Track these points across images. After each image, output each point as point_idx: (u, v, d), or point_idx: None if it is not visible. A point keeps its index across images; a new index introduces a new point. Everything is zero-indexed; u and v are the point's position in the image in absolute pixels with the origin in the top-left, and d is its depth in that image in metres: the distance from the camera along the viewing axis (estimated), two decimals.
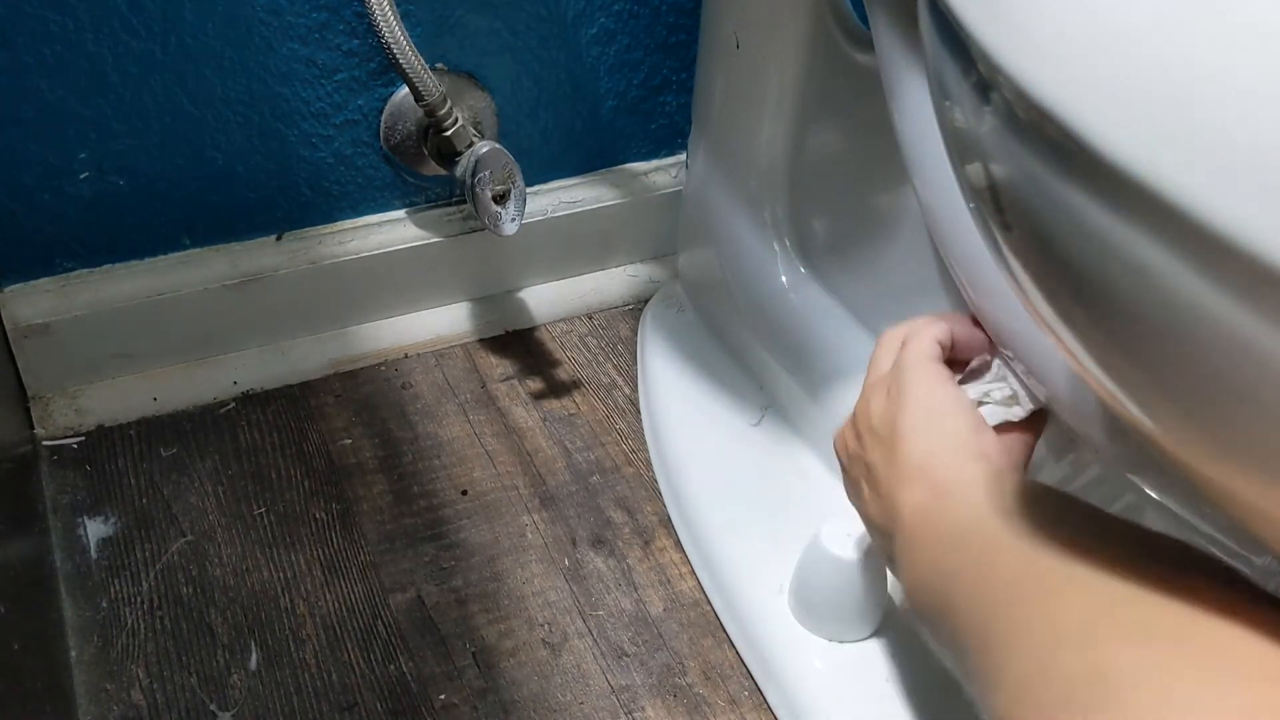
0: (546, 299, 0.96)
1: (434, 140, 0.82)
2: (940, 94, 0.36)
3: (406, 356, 0.91)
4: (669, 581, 0.77)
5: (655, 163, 0.96)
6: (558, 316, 0.96)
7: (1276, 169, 0.24)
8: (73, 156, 0.77)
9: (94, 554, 0.76)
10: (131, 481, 0.81)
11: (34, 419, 0.83)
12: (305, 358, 0.89)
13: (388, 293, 0.90)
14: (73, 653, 0.71)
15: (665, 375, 0.88)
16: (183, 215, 0.83)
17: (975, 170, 0.34)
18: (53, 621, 0.70)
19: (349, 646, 0.72)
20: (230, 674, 0.70)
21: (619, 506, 0.81)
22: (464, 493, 0.81)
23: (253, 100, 0.79)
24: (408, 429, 0.86)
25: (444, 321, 0.93)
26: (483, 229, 0.89)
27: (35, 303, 0.81)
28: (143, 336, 0.84)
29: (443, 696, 0.70)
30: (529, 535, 0.79)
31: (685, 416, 0.84)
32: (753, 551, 0.75)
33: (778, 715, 0.69)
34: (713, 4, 0.82)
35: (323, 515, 0.79)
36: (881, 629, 0.70)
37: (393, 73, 0.80)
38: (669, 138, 0.95)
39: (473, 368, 0.91)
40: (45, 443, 0.82)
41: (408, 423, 0.86)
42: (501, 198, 0.81)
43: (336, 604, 0.74)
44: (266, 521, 0.79)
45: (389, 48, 0.74)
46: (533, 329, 0.95)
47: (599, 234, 0.96)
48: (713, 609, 0.75)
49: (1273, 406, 0.27)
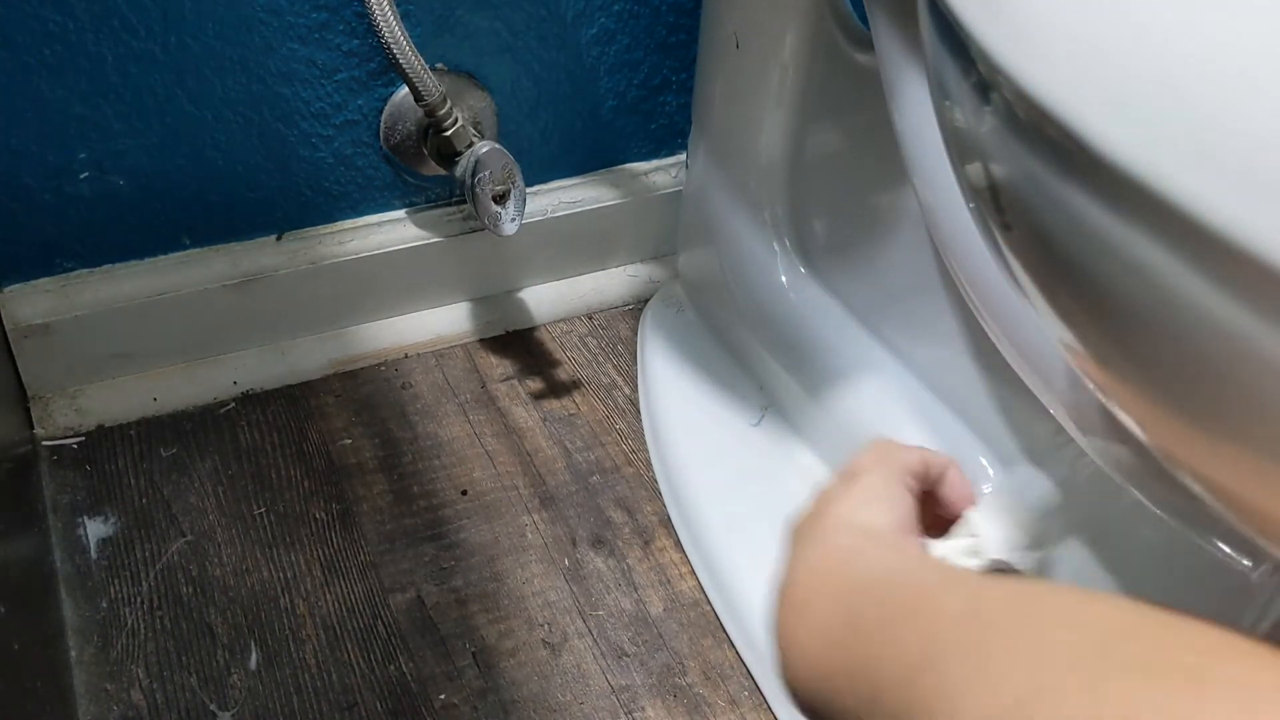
0: (546, 299, 0.96)
1: (434, 140, 0.82)
2: (940, 94, 0.36)
3: (406, 356, 0.91)
4: (669, 581, 0.77)
5: (655, 163, 0.96)
6: (558, 316, 0.96)
7: (1275, 168, 0.24)
8: (73, 156, 0.77)
9: (94, 554, 0.76)
10: (131, 481, 0.81)
11: (34, 419, 0.83)
12: (305, 358, 0.89)
13: (388, 293, 0.90)
14: (73, 653, 0.71)
15: (665, 375, 0.88)
16: (183, 215, 0.83)
17: (975, 170, 0.34)
18: (53, 621, 0.70)
19: (349, 646, 0.72)
20: (230, 674, 0.70)
21: (619, 506, 0.81)
22: (464, 493, 0.81)
23: (253, 100, 0.79)
24: (408, 429, 0.86)
25: (444, 321, 0.93)
26: (483, 229, 0.89)
27: (35, 303, 0.81)
28: (143, 336, 0.84)
29: (443, 696, 0.70)
30: (529, 535, 0.79)
31: (685, 416, 0.84)
32: (753, 551, 0.75)
33: (778, 715, 0.69)
34: (713, 4, 0.82)
35: (323, 515, 0.79)
36: None
37: (393, 73, 0.80)
38: (669, 138, 0.95)
39: (473, 368, 0.91)
40: (45, 443, 0.82)
41: (408, 423, 0.86)
42: (501, 198, 0.81)
43: (336, 604, 0.74)
44: (266, 521, 0.79)
45: (389, 48, 0.74)
46: (533, 329, 0.95)
47: (599, 234, 0.96)
48: (713, 609, 0.75)
49: (1271, 405, 0.27)
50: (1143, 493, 0.51)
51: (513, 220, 0.82)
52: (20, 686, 0.58)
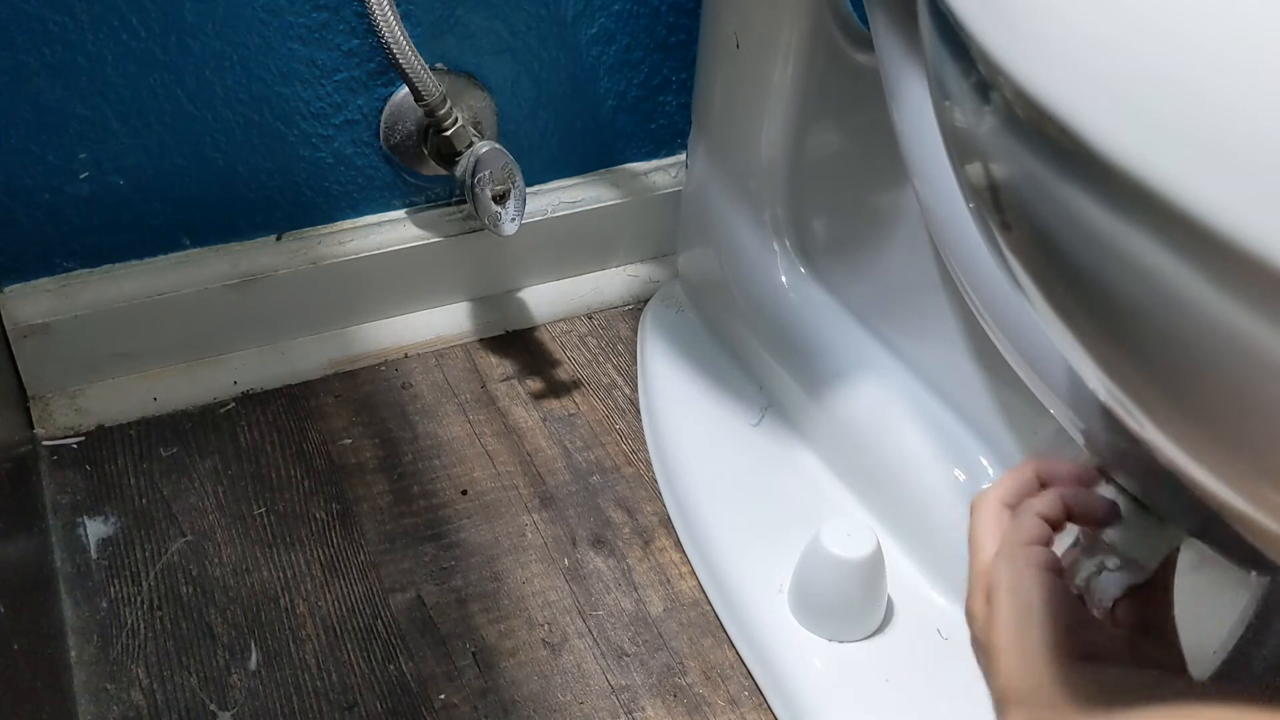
0: (546, 299, 0.96)
1: (434, 140, 0.82)
2: (940, 94, 0.36)
3: (406, 356, 0.91)
4: (669, 581, 0.77)
5: (655, 163, 0.96)
6: (558, 316, 0.96)
7: (1276, 168, 0.24)
8: (73, 156, 0.77)
9: (94, 554, 0.76)
10: (131, 481, 0.81)
11: (34, 419, 0.83)
12: (305, 358, 0.89)
13: (388, 293, 0.90)
14: (73, 653, 0.71)
15: (665, 375, 0.88)
16: (183, 215, 0.83)
17: (975, 170, 0.34)
18: (53, 621, 0.70)
19: (349, 646, 0.72)
20: (230, 674, 0.70)
21: (619, 506, 0.81)
22: (464, 493, 0.81)
23: (253, 100, 0.79)
24: (408, 429, 0.86)
25: (444, 321, 0.93)
26: (483, 229, 0.89)
27: (35, 303, 0.81)
28: (143, 336, 0.84)
29: (443, 696, 0.70)
30: (529, 535, 0.79)
31: (685, 416, 0.84)
32: (753, 551, 0.75)
33: (778, 715, 0.69)
34: (713, 4, 0.82)
35: (323, 515, 0.79)
36: (881, 629, 0.70)
37: (393, 73, 0.80)
38: (669, 138, 0.95)
39: (473, 368, 0.91)
40: (45, 443, 0.82)
41: (408, 423, 0.86)
42: (501, 198, 0.81)
43: (336, 604, 0.74)
44: (266, 521, 0.79)
45: (389, 48, 0.74)
46: (533, 329, 0.95)
47: (599, 234, 0.96)
48: (713, 609, 0.75)
49: (1272, 407, 0.27)
50: (1143, 493, 0.51)
51: (513, 220, 0.82)
52: (20, 686, 0.58)
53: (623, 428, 0.87)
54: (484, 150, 0.80)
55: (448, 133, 0.80)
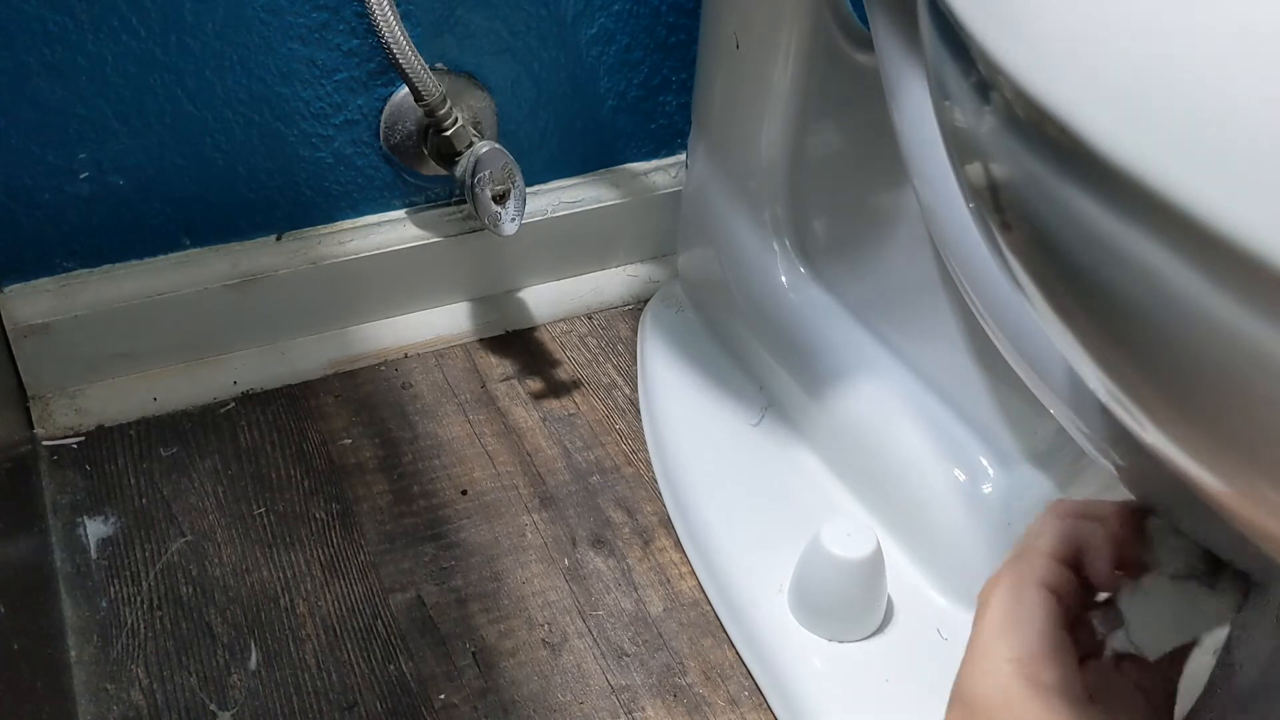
0: (546, 299, 0.96)
1: (434, 140, 0.82)
2: (940, 94, 0.36)
3: (406, 356, 0.91)
4: (669, 581, 0.77)
5: (655, 163, 0.96)
6: (558, 316, 0.96)
7: (1276, 168, 0.24)
8: (73, 156, 0.77)
9: (94, 554, 0.76)
10: (131, 481, 0.81)
11: (34, 419, 0.83)
12: (305, 358, 0.89)
13: (388, 293, 0.90)
14: (73, 653, 0.71)
15: (665, 375, 0.88)
16: (183, 215, 0.83)
17: (975, 170, 0.34)
18: (53, 621, 0.70)
19: (349, 646, 0.72)
20: (230, 674, 0.70)
21: (619, 506, 0.81)
22: (464, 493, 0.81)
23: (253, 100, 0.79)
24: (408, 429, 0.86)
25: (444, 321, 0.93)
26: (483, 229, 0.89)
27: (35, 303, 0.81)
28: (143, 336, 0.84)
29: (443, 696, 0.70)
30: (529, 535, 0.79)
31: (685, 416, 0.84)
32: (753, 551, 0.75)
33: (778, 715, 0.69)
34: (713, 4, 0.82)
35: (323, 515, 0.79)
36: (881, 629, 0.70)
37: (393, 73, 0.80)
38: (669, 138, 0.95)
39: (473, 368, 0.91)
40: (45, 443, 0.82)
41: (408, 423, 0.86)
42: (501, 198, 0.81)
43: (336, 604, 0.74)
44: (266, 521, 0.79)
45: (389, 48, 0.74)
46: (533, 329, 0.95)
47: (599, 234, 0.96)
48: (713, 609, 0.75)
49: (1272, 407, 0.27)
50: (1143, 494, 0.51)
51: (513, 220, 0.82)
52: (20, 686, 0.58)
53: (623, 428, 0.87)
54: (484, 150, 0.80)
55: (448, 133, 0.80)
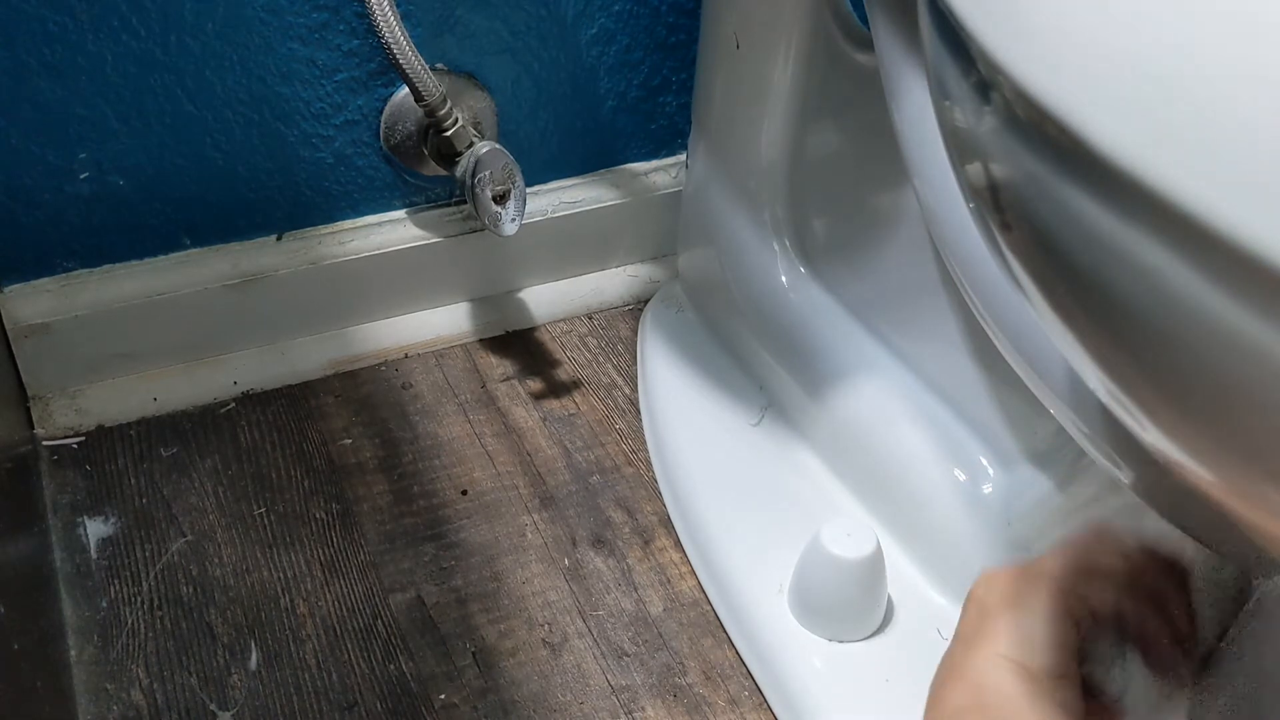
0: (546, 299, 0.96)
1: (434, 140, 0.82)
2: (940, 94, 0.36)
3: (406, 356, 0.91)
4: (669, 581, 0.77)
5: (655, 163, 0.96)
6: (558, 316, 0.96)
7: (1277, 168, 0.24)
8: (73, 156, 0.77)
9: (94, 554, 0.76)
10: (131, 481, 0.81)
11: (34, 419, 0.83)
12: (305, 358, 0.89)
13: (388, 293, 0.90)
14: (73, 653, 0.71)
15: (665, 375, 0.88)
16: (183, 215, 0.83)
17: (975, 170, 0.34)
18: (53, 621, 0.70)
19: (349, 646, 0.72)
20: (230, 674, 0.70)
21: (619, 506, 0.81)
22: (464, 493, 0.81)
23: (253, 100, 0.79)
24: (408, 429, 0.86)
25: (444, 321, 0.93)
26: (483, 229, 0.89)
27: (35, 303, 0.81)
28: (143, 336, 0.84)
29: (443, 696, 0.70)
30: (529, 535, 0.79)
31: (685, 416, 0.84)
32: (753, 551, 0.75)
33: (778, 715, 0.69)
34: (713, 4, 0.82)
35: (323, 515, 0.79)
36: (881, 629, 0.70)
37: (393, 73, 0.80)
38: (669, 138, 0.95)
39: (473, 368, 0.91)
40: (45, 443, 0.82)
41: (408, 423, 0.86)
42: (501, 198, 0.81)
43: (336, 604, 0.74)
44: (266, 521, 0.79)
45: (389, 48, 0.74)
46: (533, 329, 0.95)
47: (599, 234, 0.96)
48: (713, 609, 0.75)
49: (1272, 407, 0.27)
50: (1143, 494, 0.51)
51: (513, 220, 0.82)
52: (20, 686, 0.58)
53: (623, 428, 0.87)
54: (484, 150, 0.80)
55: (448, 133, 0.80)
